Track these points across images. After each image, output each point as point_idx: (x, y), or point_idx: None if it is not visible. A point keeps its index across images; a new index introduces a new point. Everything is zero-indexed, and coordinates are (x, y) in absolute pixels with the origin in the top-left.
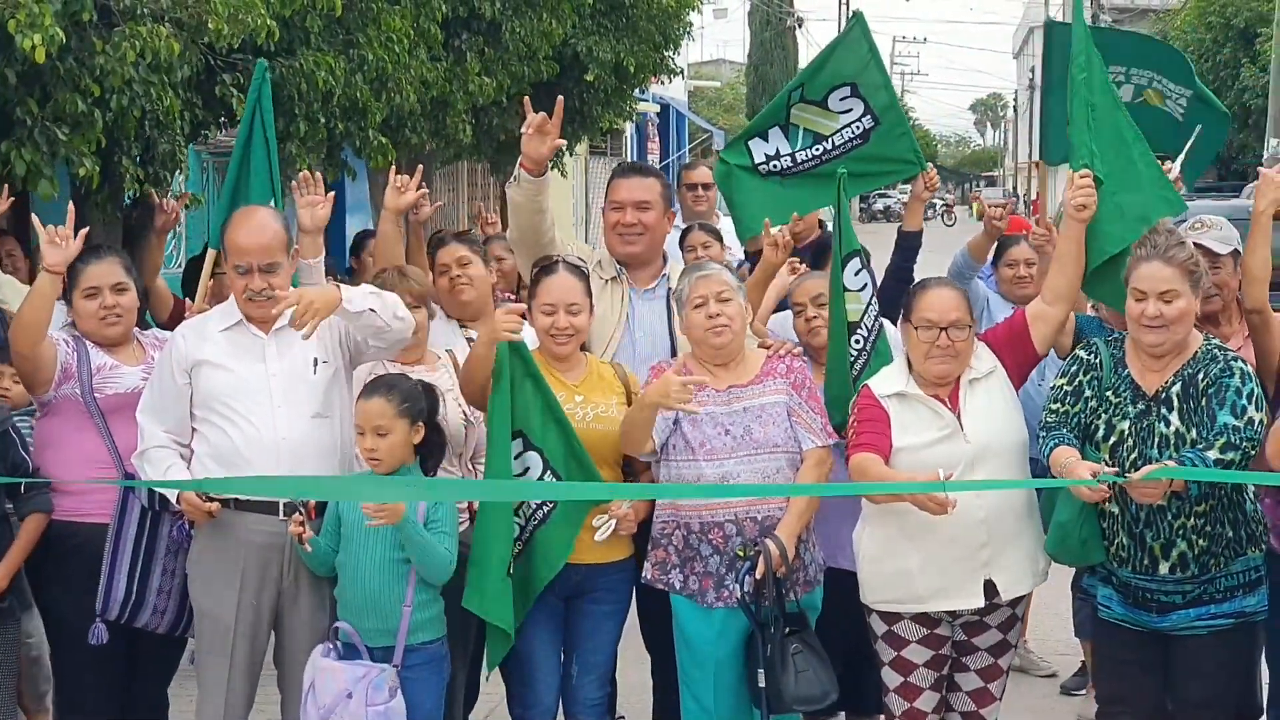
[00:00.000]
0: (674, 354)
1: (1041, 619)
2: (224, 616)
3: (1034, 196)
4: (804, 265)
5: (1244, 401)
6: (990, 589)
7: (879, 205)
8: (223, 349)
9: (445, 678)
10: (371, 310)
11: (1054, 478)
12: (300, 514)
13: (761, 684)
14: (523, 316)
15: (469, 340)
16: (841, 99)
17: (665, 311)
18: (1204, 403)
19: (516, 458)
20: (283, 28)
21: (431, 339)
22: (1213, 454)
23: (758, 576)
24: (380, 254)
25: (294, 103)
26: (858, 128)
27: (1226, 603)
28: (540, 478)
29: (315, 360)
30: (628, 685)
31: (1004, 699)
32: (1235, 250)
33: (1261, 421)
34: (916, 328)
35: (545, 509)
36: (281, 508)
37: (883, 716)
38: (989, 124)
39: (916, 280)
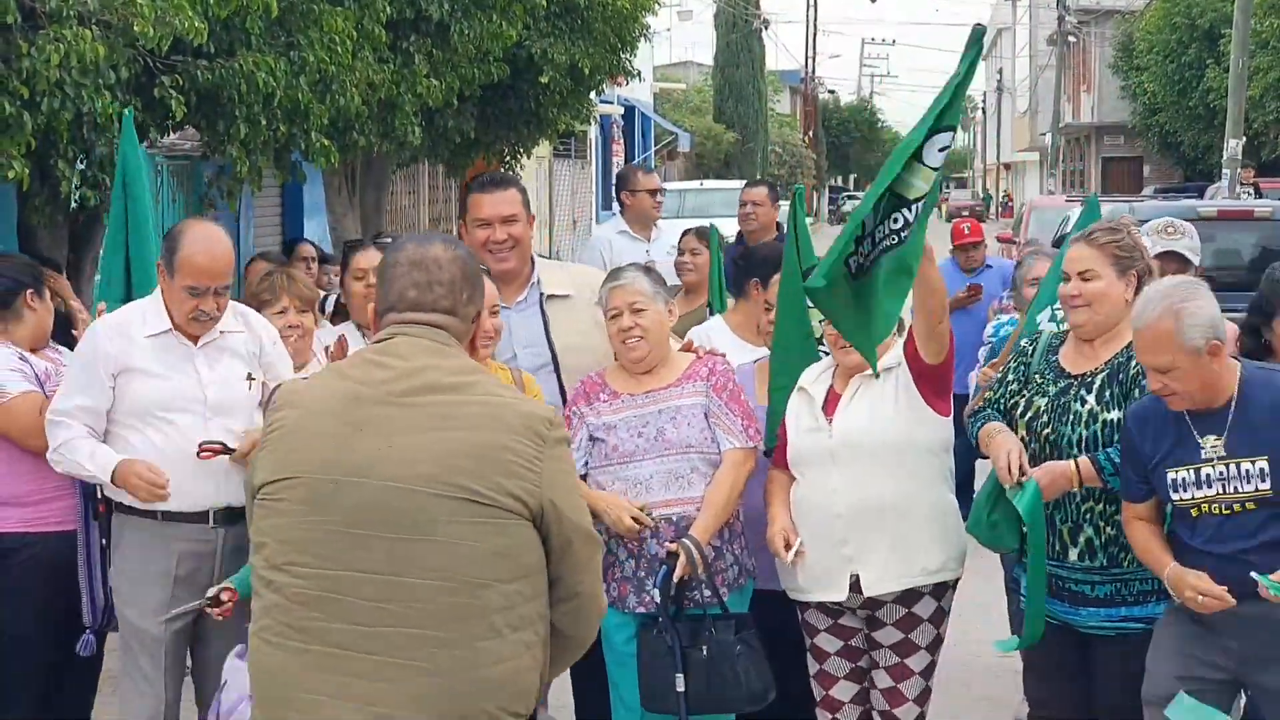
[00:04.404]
0: (554, 361)
1: (987, 618)
2: (152, 628)
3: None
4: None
5: None
6: (856, 584)
7: (847, 207)
8: (152, 356)
9: None
10: None
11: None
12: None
13: (680, 688)
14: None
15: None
16: (940, 149)
17: (540, 320)
18: (1130, 388)
19: None
20: (221, 29)
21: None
22: None
23: (675, 579)
24: None
25: (234, 105)
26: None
27: (1139, 606)
28: None
29: (249, 375)
30: (558, 687)
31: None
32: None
33: None
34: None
35: None
36: (212, 516)
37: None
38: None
39: None
